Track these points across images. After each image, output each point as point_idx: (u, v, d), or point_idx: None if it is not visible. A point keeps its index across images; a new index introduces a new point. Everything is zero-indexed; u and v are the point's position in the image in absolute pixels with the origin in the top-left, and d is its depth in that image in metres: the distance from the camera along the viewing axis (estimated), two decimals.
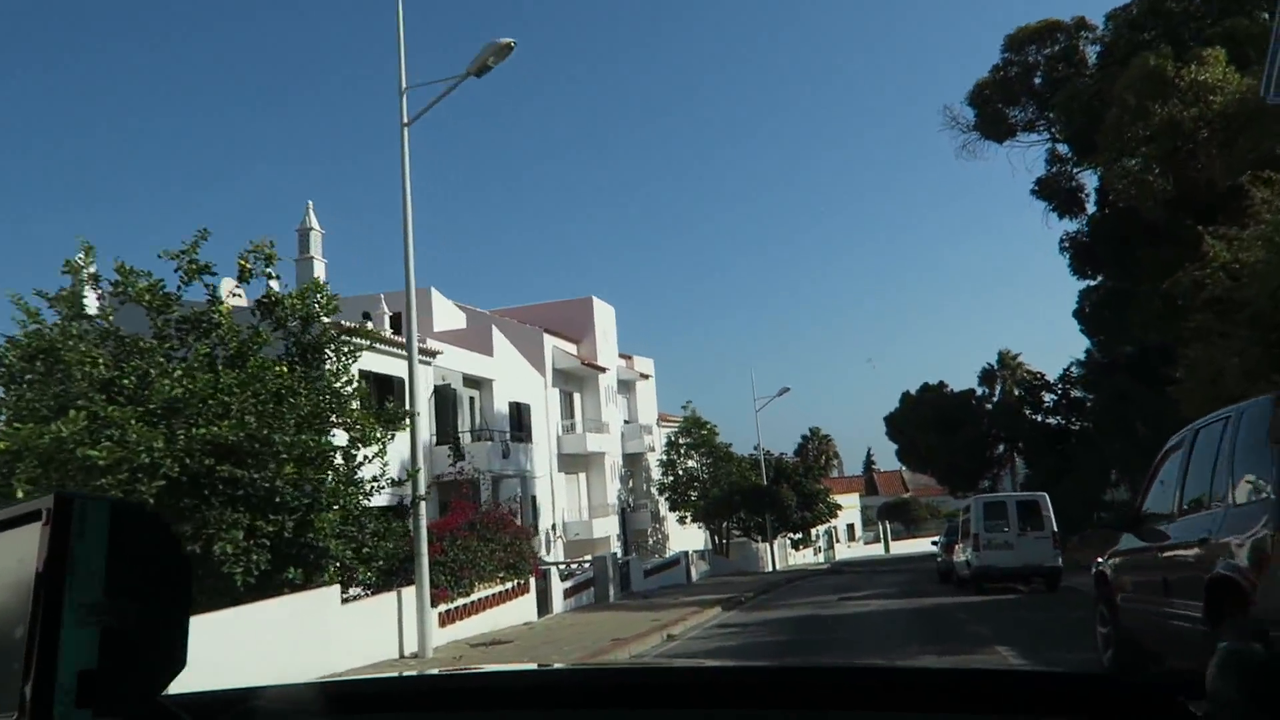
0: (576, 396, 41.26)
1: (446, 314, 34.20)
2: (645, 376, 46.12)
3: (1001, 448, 43.91)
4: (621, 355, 45.93)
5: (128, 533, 1.05)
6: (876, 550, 67.32)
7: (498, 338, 33.59)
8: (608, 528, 40.35)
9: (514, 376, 34.40)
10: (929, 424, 42.27)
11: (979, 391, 43.42)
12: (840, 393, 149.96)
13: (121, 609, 1.02)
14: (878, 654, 13.38)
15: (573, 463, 39.40)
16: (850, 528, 70.09)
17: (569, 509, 38.57)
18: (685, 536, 45.79)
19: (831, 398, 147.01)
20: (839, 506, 55.53)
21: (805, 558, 55.44)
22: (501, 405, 33.10)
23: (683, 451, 44.40)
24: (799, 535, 55.17)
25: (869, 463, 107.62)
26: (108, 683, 1.00)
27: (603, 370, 41.69)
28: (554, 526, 36.49)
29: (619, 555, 37.73)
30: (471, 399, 32.13)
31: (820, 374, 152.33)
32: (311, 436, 13.76)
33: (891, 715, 1.33)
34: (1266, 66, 13.33)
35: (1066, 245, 34.50)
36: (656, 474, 44.77)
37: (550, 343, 38.76)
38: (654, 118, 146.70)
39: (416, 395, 16.72)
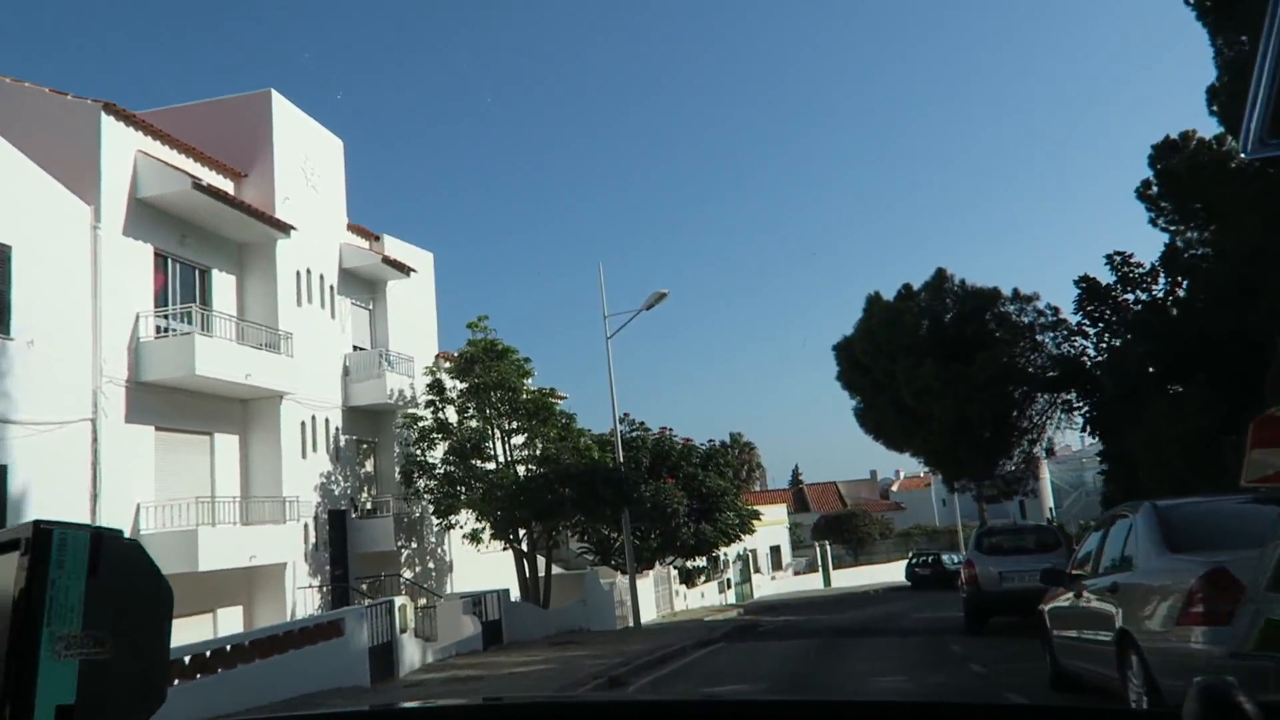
0: (220, 278, 20.32)
1: None
2: (405, 271, 25.25)
3: (1043, 398, 24.24)
4: (357, 229, 25.12)
5: (108, 563, 1.01)
6: (812, 583, 47.23)
7: None
8: (285, 546, 19.52)
9: None
10: (919, 349, 22.49)
11: (1008, 292, 23.62)
12: (766, 403, 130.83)
13: (101, 641, 0.99)
14: None
15: (186, 408, 18.47)
16: (775, 552, 49.93)
17: (167, 507, 17.61)
18: (492, 566, 25.16)
19: (756, 406, 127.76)
20: (757, 515, 35.33)
21: (705, 597, 34.87)
22: None
23: (458, 402, 23.65)
24: (693, 563, 34.89)
25: (796, 478, 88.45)
26: (86, 717, 0.97)
27: (283, 231, 20.84)
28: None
29: (293, 607, 17.43)
30: None
31: (741, 379, 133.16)
32: None
33: None
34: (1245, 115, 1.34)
35: None
36: (439, 451, 23.94)
37: (124, 139, 17.94)
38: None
39: None
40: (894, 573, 48.74)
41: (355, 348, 23.84)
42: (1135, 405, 20.62)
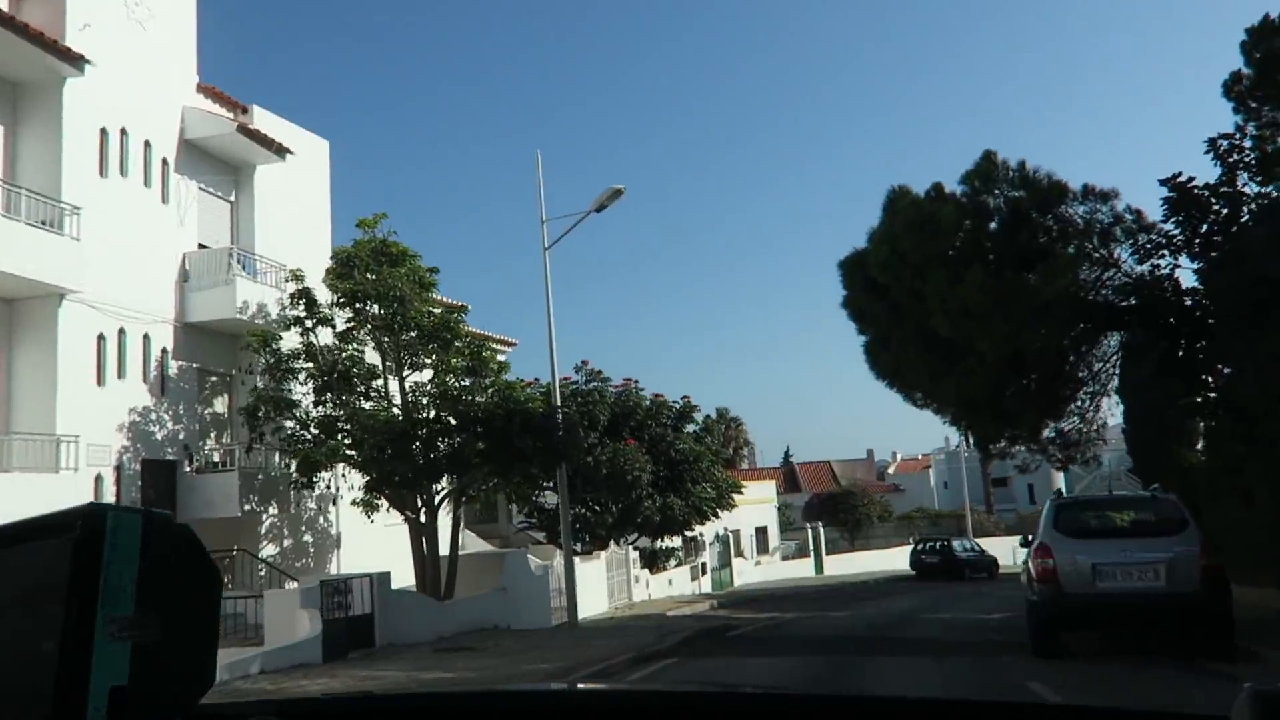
0: None
1: None
2: (278, 151, 19.09)
3: (1116, 338, 18.29)
4: (215, 94, 19.02)
5: (159, 545, 1.02)
6: (802, 570, 41.48)
7: None
8: (58, 502, 13.35)
9: None
10: (958, 260, 16.56)
11: (1076, 187, 17.49)
12: (756, 380, 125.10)
13: (152, 624, 1.00)
14: None
15: None
16: (761, 534, 44.17)
17: None
18: (400, 542, 19.17)
19: (745, 384, 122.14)
20: (738, 487, 29.53)
21: (674, 584, 28.99)
22: None
23: (331, 317, 17.60)
24: (665, 543, 29.18)
25: (787, 459, 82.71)
26: (138, 699, 0.98)
27: (73, 65, 14.72)
28: None
29: None
30: None
31: (729, 352, 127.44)
32: None
33: None
34: None
35: None
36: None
37: None
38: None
39: None
40: (894, 560, 43.06)
41: (200, 245, 17.81)
42: (1248, 339, 14.80)
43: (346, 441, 16.96)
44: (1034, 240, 16.63)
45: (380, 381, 17.51)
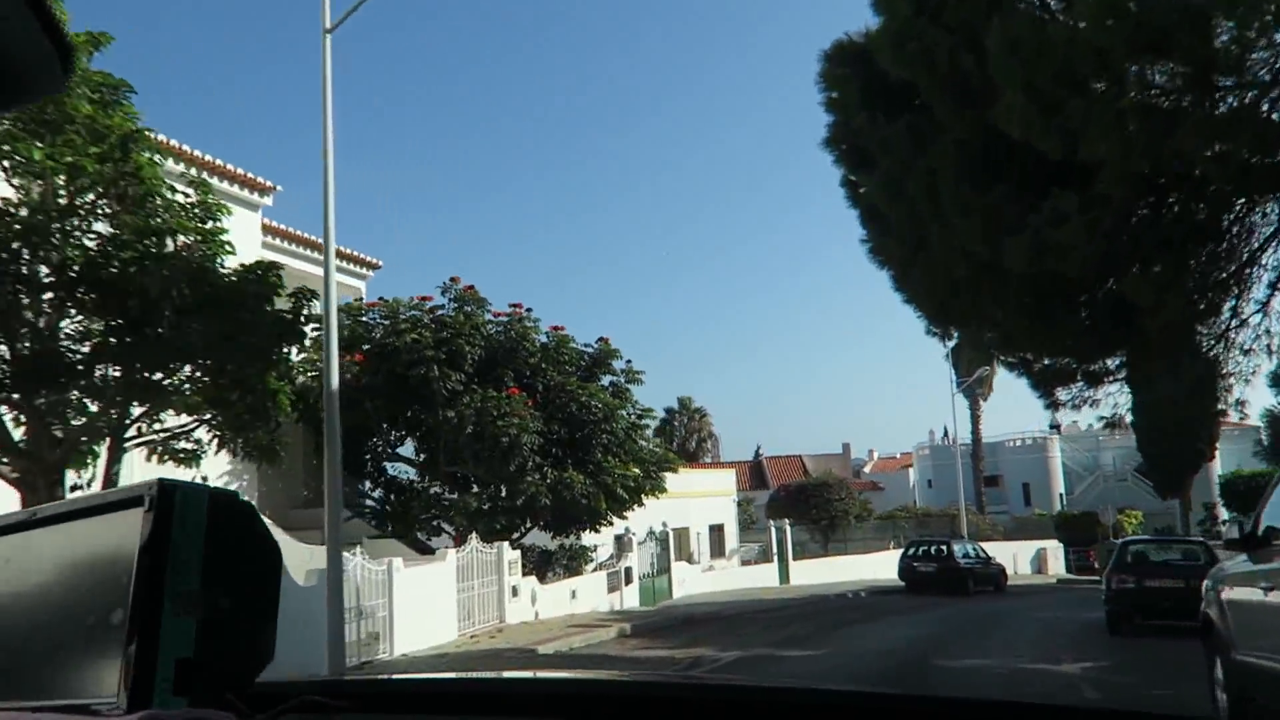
0: None
1: None
2: None
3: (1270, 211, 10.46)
4: None
5: (223, 522, 1.04)
6: (765, 577, 33.33)
7: None
8: None
9: None
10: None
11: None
12: (724, 375, 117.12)
13: (216, 599, 1.02)
14: None
15: None
16: (717, 533, 36.14)
17: None
18: None
19: (712, 378, 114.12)
20: (670, 464, 21.61)
21: (578, 597, 20.73)
22: None
23: None
24: (569, 540, 21.25)
25: (757, 455, 74.88)
26: (203, 672, 1.00)
27: None
28: None
29: None
30: None
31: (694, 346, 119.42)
32: None
33: None
34: None
35: None
36: None
37: None
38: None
39: None
40: (878, 567, 35.24)
41: None
42: None
43: None
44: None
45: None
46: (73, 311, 8.50)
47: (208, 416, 10.19)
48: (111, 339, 8.37)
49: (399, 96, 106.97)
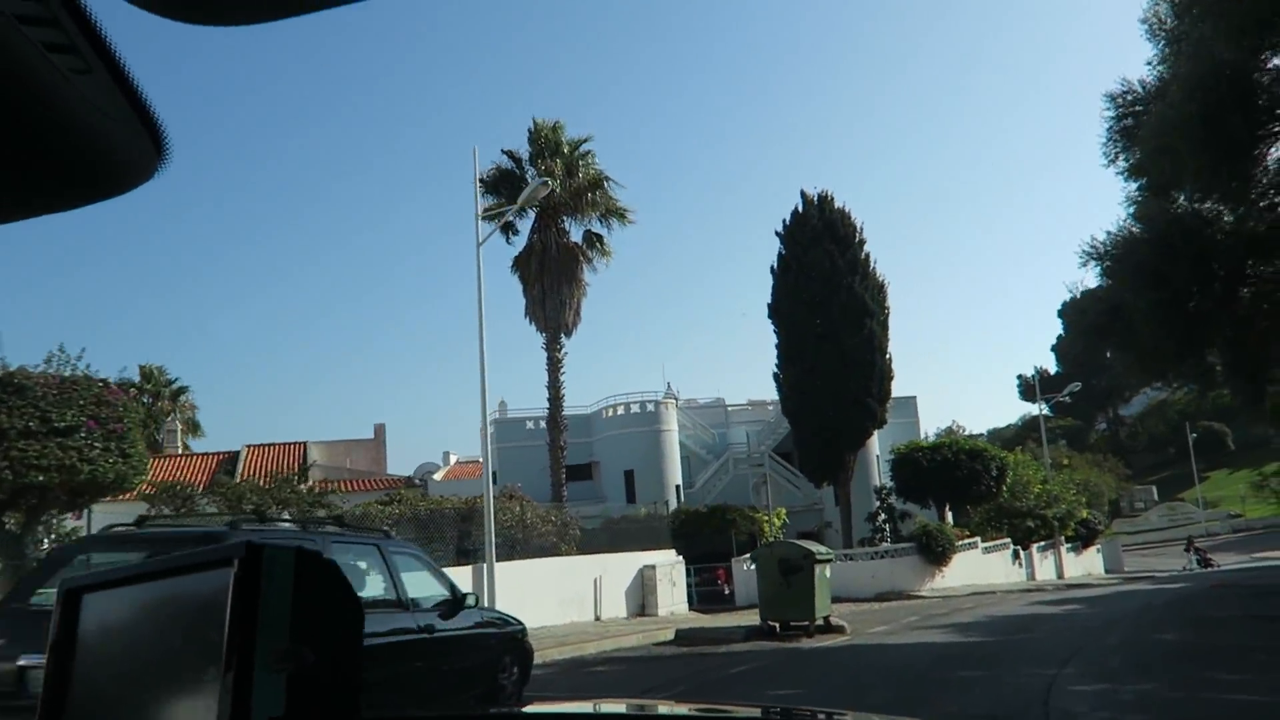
0: None
1: None
2: None
3: None
4: None
5: (308, 580, 1.03)
6: None
7: None
8: None
9: None
10: None
11: None
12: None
13: (304, 655, 1.01)
14: None
15: None
16: None
17: None
18: None
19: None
20: None
21: None
22: None
23: None
24: None
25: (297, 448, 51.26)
26: None
27: None
28: None
29: None
30: None
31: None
32: None
33: None
34: None
35: None
36: None
37: None
38: None
39: None
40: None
41: None
42: None
43: None
44: None
45: None
46: None
47: None
48: None
49: None
